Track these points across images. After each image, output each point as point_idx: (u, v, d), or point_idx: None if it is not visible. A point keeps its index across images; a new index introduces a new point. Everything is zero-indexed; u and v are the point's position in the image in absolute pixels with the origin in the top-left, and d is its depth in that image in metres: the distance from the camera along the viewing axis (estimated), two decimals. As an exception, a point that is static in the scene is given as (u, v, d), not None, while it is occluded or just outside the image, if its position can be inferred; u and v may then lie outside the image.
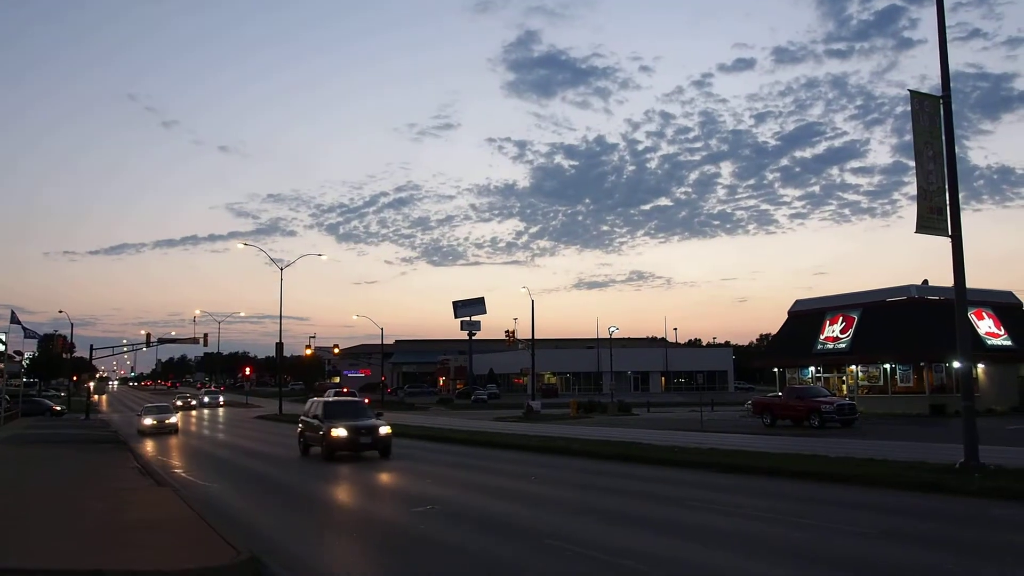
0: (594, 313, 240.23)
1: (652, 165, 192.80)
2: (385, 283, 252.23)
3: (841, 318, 49.88)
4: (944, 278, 19.81)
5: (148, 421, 37.52)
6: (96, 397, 79.39)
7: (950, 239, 17.08)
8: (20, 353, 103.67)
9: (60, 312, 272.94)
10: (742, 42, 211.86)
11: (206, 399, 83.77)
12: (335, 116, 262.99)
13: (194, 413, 65.02)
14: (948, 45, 17.22)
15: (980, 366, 43.37)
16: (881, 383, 47.46)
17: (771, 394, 45.14)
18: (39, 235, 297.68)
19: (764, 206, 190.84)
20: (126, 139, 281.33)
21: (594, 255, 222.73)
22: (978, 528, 11.39)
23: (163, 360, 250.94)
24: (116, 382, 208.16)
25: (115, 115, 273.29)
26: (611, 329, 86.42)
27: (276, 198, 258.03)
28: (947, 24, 17.22)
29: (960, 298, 17.13)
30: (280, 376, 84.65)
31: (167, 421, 37.95)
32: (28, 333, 70.18)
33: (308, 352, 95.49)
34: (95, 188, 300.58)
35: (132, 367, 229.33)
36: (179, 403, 68.49)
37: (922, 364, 45.16)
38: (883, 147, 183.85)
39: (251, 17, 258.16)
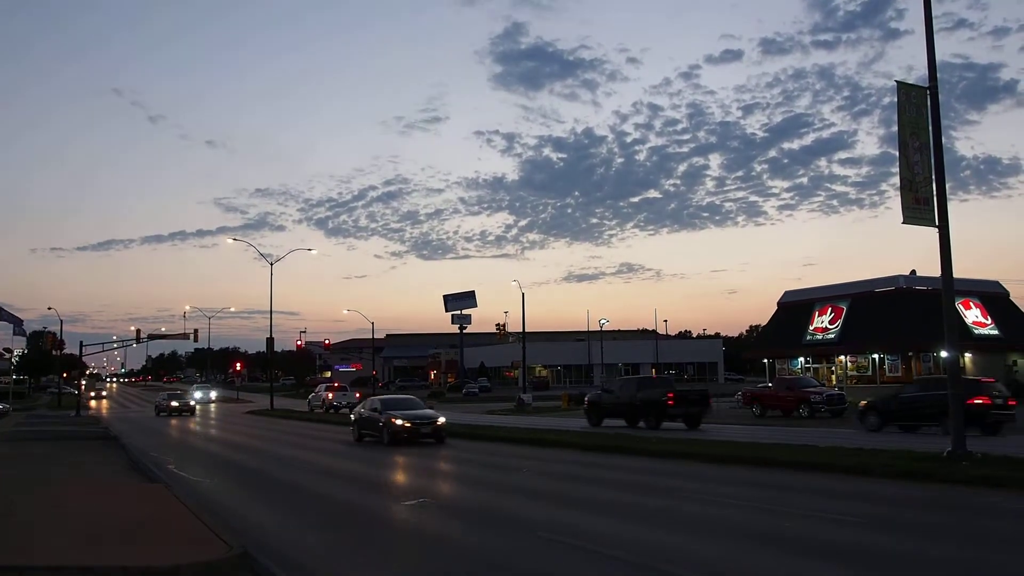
0: (584, 306, 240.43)
1: (641, 157, 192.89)
2: (375, 277, 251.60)
3: (830, 309, 50.17)
4: (932, 268, 19.95)
5: None
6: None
7: (937, 229, 17.18)
8: (9, 350, 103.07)
9: (49, 309, 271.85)
10: (729, 33, 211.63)
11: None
12: (322, 110, 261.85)
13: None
14: (934, 35, 17.30)
15: (967, 355, 43.70)
16: (870, 373, 47.81)
17: (761, 385, 45.42)
18: (26, 231, 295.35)
19: (753, 198, 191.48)
20: (112, 134, 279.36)
21: (584, 248, 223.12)
22: (967, 515, 11.53)
23: (153, 356, 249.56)
24: (113, 380, 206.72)
25: (101, 110, 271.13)
26: (601, 321, 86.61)
27: (264, 193, 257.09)
28: (933, 14, 17.30)
29: (947, 288, 17.24)
30: (271, 371, 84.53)
31: None
32: (17, 330, 69.66)
33: (299, 346, 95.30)
34: (82, 183, 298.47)
35: (123, 363, 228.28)
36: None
37: (910, 354, 45.50)
38: (871, 138, 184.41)
39: (237, 11, 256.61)
